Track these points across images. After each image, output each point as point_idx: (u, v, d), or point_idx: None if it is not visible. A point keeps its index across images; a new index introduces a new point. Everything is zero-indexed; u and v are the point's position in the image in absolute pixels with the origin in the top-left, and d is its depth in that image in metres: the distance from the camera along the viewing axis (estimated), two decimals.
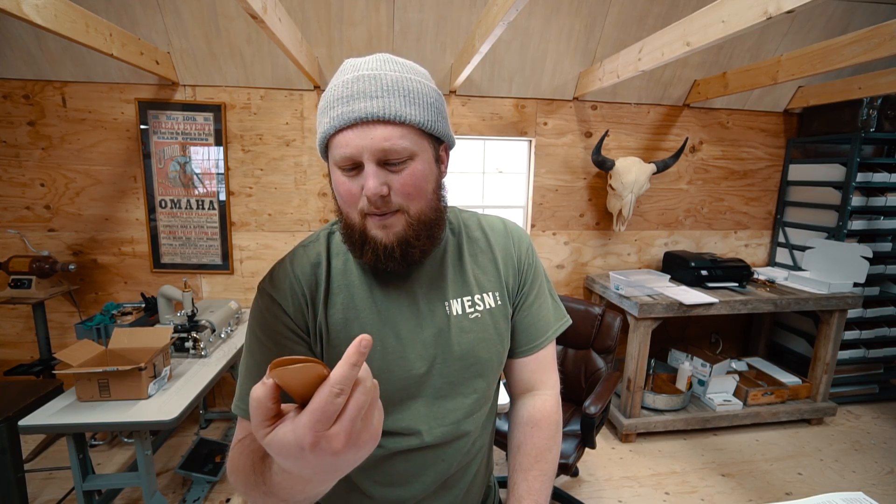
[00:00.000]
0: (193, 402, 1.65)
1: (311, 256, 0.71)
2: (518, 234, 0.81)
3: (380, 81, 0.58)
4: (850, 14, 2.57)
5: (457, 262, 0.75)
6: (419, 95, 0.61)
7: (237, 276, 2.72)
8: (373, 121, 0.58)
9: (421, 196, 0.63)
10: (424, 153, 0.63)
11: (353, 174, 0.61)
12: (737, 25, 1.50)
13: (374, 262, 0.65)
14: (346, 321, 0.68)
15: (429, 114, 0.62)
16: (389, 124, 0.58)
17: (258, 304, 0.69)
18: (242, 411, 0.66)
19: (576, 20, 2.45)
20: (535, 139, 2.85)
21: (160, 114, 2.49)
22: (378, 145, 0.58)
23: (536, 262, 0.82)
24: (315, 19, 2.32)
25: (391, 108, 0.58)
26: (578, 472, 2.32)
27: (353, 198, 0.62)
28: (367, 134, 0.58)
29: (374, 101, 0.58)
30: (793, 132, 3.11)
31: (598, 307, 2.17)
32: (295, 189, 2.68)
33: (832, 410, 2.78)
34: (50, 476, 2.18)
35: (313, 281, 0.69)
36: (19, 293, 2.28)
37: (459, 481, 0.77)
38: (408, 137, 0.59)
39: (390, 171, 0.60)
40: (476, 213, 0.83)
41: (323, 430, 0.34)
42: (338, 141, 0.60)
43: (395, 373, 0.68)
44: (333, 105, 0.59)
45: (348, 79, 0.60)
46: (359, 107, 0.57)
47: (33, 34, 2.22)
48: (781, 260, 3.18)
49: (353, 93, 0.58)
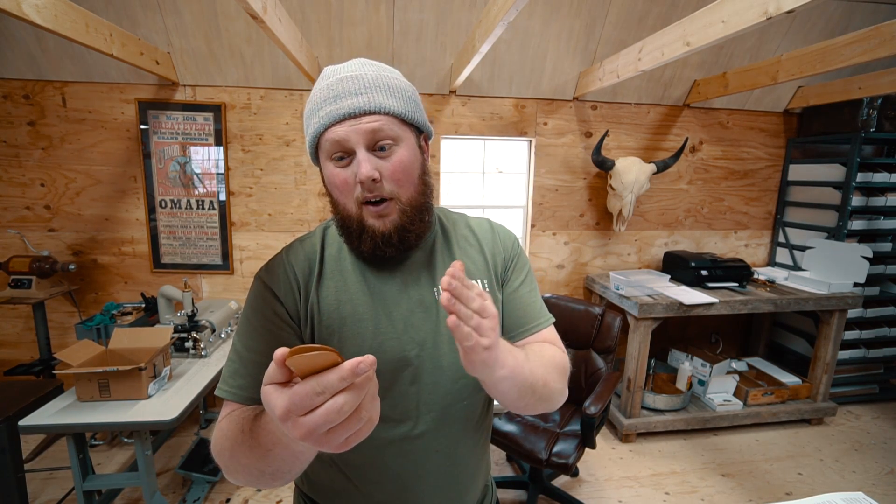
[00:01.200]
0: (193, 402, 1.65)
1: (306, 248, 0.75)
2: (504, 232, 0.84)
3: (362, 80, 0.65)
4: (850, 14, 2.57)
5: (445, 251, 0.78)
6: (398, 90, 0.67)
7: (237, 276, 2.72)
8: (360, 114, 0.63)
9: (409, 181, 0.68)
10: (408, 140, 0.68)
11: (345, 163, 0.66)
12: (737, 25, 1.50)
13: (372, 249, 0.68)
14: (338, 303, 0.71)
15: (408, 105, 0.68)
16: (375, 115, 0.64)
17: (252, 290, 0.72)
18: (227, 394, 0.66)
19: (576, 20, 2.45)
20: (535, 139, 2.85)
21: (160, 114, 2.49)
22: (367, 128, 0.63)
23: (524, 256, 0.83)
24: (315, 19, 2.32)
25: (375, 101, 0.64)
26: (578, 472, 2.32)
27: (348, 186, 0.66)
28: (353, 124, 0.63)
29: (359, 97, 0.63)
30: (793, 132, 3.11)
31: (598, 307, 2.17)
32: (295, 189, 2.68)
33: (832, 410, 2.78)
34: (50, 476, 2.18)
35: (306, 267, 0.72)
36: (19, 293, 2.28)
37: (457, 480, 0.77)
38: (392, 125, 0.65)
39: (379, 157, 0.65)
40: (464, 215, 0.86)
41: (294, 414, 0.39)
42: (328, 135, 0.64)
43: (388, 353, 0.69)
44: (320, 106, 0.65)
45: (331, 81, 0.65)
46: (346, 104, 0.63)
47: (33, 34, 2.22)
48: (781, 260, 3.18)
49: (339, 92, 0.64)
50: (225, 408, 0.67)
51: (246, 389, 0.65)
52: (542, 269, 3.02)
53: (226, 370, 0.69)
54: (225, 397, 0.66)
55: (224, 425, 0.61)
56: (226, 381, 0.67)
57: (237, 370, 0.67)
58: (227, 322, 2.25)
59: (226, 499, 2.07)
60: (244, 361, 0.67)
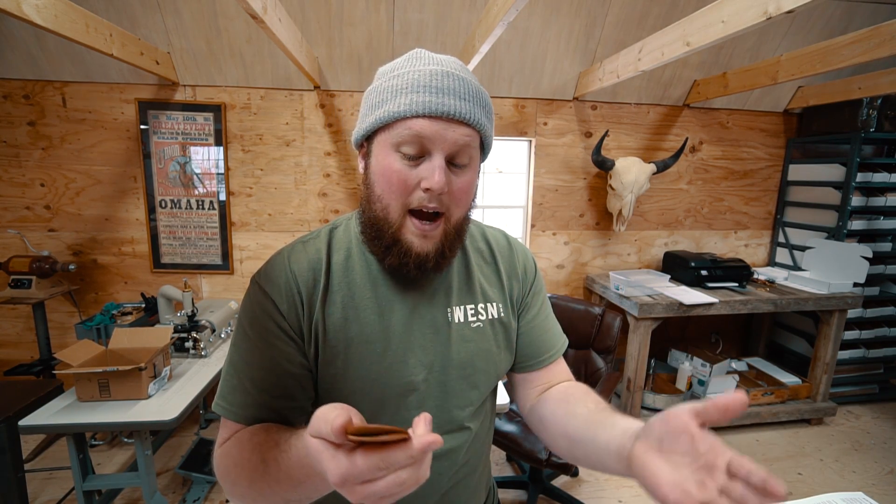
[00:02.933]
0: (193, 402, 1.65)
1: (310, 253, 0.67)
2: (522, 251, 0.81)
3: (467, 85, 0.59)
4: (850, 14, 2.57)
5: (463, 269, 0.73)
6: (489, 109, 0.63)
7: (237, 276, 2.72)
8: (458, 120, 0.58)
9: (466, 204, 0.64)
10: (477, 163, 0.64)
11: (415, 163, 0.59)
12: (737, 25, 1.50)
13: (398, 265, 0.63)
14: (345, 321, 0.65)
15: (492, 128, 0.65)
16: (470, 128, 0.59)
17: (250, 298, 0.65)
18: (227, 412, 0.62)
19: (576, 20, 2.45)
20: (535, 139, 2.85)
21: (160, 114, 2.49)
22: (459, 139, 0.58)
23: (541, 279, 0.80)
24: (315, 19, 2.32)
25: (475, 114, 0.59)
26: (578, 472, 2.32)
27: (406, 187, 0.59)
28: (447, 128, 0.58)
29: (463, 102, 0.58)
30: (793, 132, 3.11)
31: (598, 307, 2.17)
32: (295, 189, 2.68)
33: (832, 410, 2.78)
34: (50, 476, 2.18)
35: (311, 279, 0.65)
36: (19, 293, 2.28)
37: (460, 497, 0.75)
38: (476, 143, 0.62)
39: (453, 171, 0.61)
40: (479, 223, 0.81)
41: (351, 483, 0.38)
42: (411, 124, 0.57)
43: (394, 377, 0.65)
44: (417, 90, 0.58)
45: (434, 70, 0.59)
46: (449, 101, 0.57)
47: (33, 34, 2.22)
48: (781, 260, 3.18)
49: (443, 87, 0.58)
50: (225, 426, 0.63)
51: (247, 408, 0.61)
52: (542, 270, 3.01)
53: (224, 385, 0.64)
54: (225, 416, 0.62)
55: (234, 452, 0.58)
56: (224, 397, 0.63)
57: (236, 386, 0.62)
58: (227, 322, 2.25)
59: (226, 499, 2.07)
60: (243, 377, 0.62)
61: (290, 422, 0.63)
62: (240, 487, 0.55)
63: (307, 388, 0.65)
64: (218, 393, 0.64)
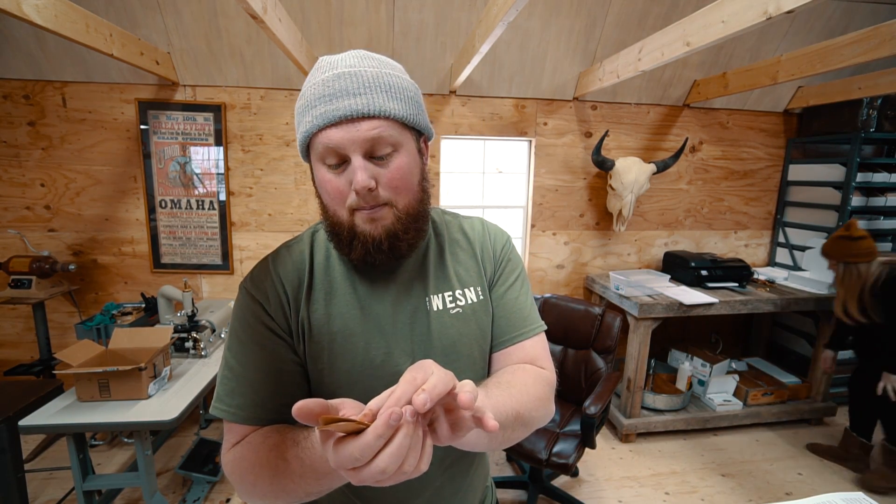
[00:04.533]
0: (193, 403, 1.65)
1: (294, 255, 0.71)
2: (496, 231, 0.81)
3: (360, 78, 0.59)
4: (850, 14, 2.57)
5: (438, 258, 0.75)
6: (399, 90, 0.61)
7: (237, 276, 2.72)
8: (358, 118, 0.58)
9: (408, 189, 0.64)
10: (408, 145, 0.63)
11: (340, 170, 0.61)
12: (737, 26, 1.50)
13: (363, 256, 0.64)
14: (328, 317, 0.67)
15: (410, 107, 0.62)
16: (374, 119, 0.59)
17: (239, 304, 0.68)
18: (227, 414, 0.63)
19: (576, 20, 2.45)
20: (535, 139, 2.85)
21: (160, 114, 2.49)
22: (364, 135, 0.58)
23: (516, 257, 0.80)
24: (315, 19, 2.32)
25: (374, 104, 0.58)
26: (578, 472, 2.32)
27: (341, 194, 0.61)
28: (352, 128, 0.58)
29: (356, 98, 0.58)
30: (793, 132, 3.11)
31: (598, 307, 2.17)
32: (295, 189, 2.68)
33: (832, 410, 2.78)
34: (50, 476, 2.18)
35: (295, 280, 0.68)
36: (19, 293, 2.28)
37: (456, 488, 0.76)
38: (392, 130, 0.60)
39: (377, 164, 0.61)
40: (458, 215, 0.83)
41: (344, 468, 0.42)
42: (322, 138, 0.59)
43: (380, 369, 0.67)
44: (314, 104, 0.59)
45: (328, 77, 0.59)
46: (342, 104, 0.58)
47: (33, 34, 2.22)
48: (781, 260, 3.18)
49: (335, 91, 0.58)
50: (231, 430, 0.64)
51: (245, 409, 0.63)
52: (542, 269, 3.02)
53: (221, 388, 0.65)
54: (225, 418, 0.63)
55: (249, 455, 0.59)
56: (222, 399, 0.64)
57: (234, 389, 0.64)
58: (226, 322, 2.25)
59: (226, 499, 2.07)
60: (239, 379, 0.64)
61: (291, 420, 0.64)
62: (260, 487, 0.57)
63: (303, 385, 0.68)
64: (215, 397, 0.66)
